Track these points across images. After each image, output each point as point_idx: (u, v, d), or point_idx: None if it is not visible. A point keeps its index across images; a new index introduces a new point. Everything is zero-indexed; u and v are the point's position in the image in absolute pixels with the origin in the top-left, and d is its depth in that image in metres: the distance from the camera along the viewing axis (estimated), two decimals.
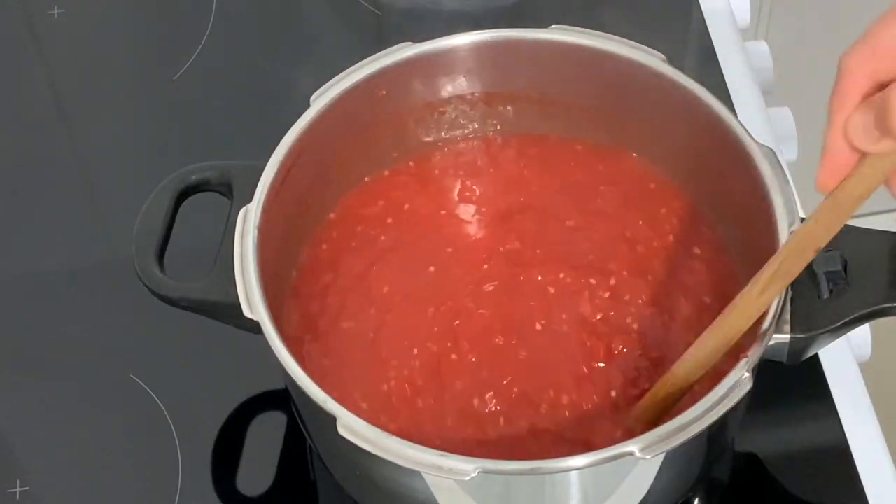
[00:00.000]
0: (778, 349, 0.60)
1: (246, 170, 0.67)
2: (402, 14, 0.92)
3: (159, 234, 0.66)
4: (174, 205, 0.67)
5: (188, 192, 0.68)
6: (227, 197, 0.68)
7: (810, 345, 0.61)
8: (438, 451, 0.56)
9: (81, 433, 0.73)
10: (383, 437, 0.57)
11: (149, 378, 0.74)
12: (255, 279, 0.62)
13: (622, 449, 0.56)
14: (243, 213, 0.64)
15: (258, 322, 0.61)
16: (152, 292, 0.65)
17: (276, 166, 0.66)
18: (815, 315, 0.60)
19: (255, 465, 0.71)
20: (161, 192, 0.67)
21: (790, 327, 0.60)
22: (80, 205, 0.85)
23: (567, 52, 0.70)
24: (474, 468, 0.55)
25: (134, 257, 0.65)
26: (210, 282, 0.64)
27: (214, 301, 0.64)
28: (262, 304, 0.61)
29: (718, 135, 0.67)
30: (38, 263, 0.81)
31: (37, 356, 0.77)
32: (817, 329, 0.60)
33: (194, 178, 0.68)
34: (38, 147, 0.88)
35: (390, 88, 0.70)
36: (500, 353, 0.66)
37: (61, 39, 0.93)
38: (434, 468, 0.56)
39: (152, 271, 0.65)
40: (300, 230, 0.71)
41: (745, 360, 0.58)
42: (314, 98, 0.68)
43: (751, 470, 0.70)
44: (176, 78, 0.89)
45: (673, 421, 0.56)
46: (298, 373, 0.59)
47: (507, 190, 0.73)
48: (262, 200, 0.65)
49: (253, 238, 0.63)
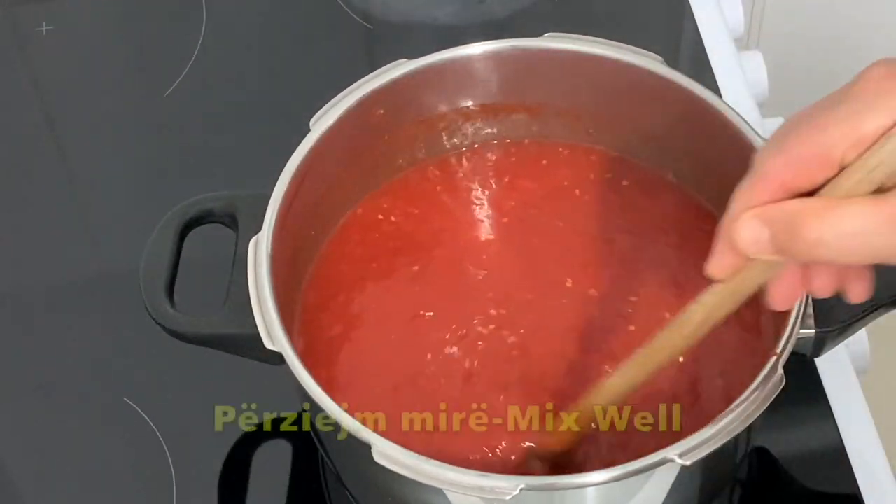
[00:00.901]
0: (803, 344, 0.60)
1: (249, 199, 0.66)
2: (394, 28, 0.91)
3: (166, 269, 0.65)
4: (178, 238, 0.66)
5: (192, 224, 0.67)
6: (231, 228, 0.67)
7: (835, 337, 0.61)
8: (479, 472, 0.55)
9: (74, 457, 0.73)
10: (421, 462, 0.56)
11: (143, 402, 0.74)
12: (274, 310, 0.61)
13: (661, 456, 0.55)
14: (254, 243, 0.63)
15: (280, 353, 0.60)
16: (165, 329, 0.64)
17: (281, 194, 0.65)
18: (837, 307, 0.60)
19: (263, 491, 0.71)
20: (165, 227, 0.66)
21: (814, 321, 0.60)
22: (70, 224, 0.84)
23: (563, 59, 0.70)
24: (516, 486, 0.55)
25: (143, 295, 0.64)
26: (225, 315, 0.63)
27: (232, 334, 0.63)
28: (283, 335, 0.60)
29: (722, 134, 0.67)
30: (28, 284, 0.80)
31: (27, 378, 0.76)
32: (841, 321, 0.60)
33: (197, 209, 0.67)
34: (28, 165, 0.87)
35: (387, 107, 0.70)
36: (516, 367, 0.66)
37: (50, 56, 0.93)
38: (476, 489, 0.55)
39: (164, 308, 0.64)
40: (305, 254, 0.70)
41: (776, 357, 0.58)
42: (314, 121, 0.67)
43: (749, 475, 0.70)
44: (167, 94, 0.88)
45: (710, 425, 0.56)
46: (327, 402, 0.58)
47: (511, 201, 0.73)
48: (272, 228, 0.64)
49: (267, 268, 0.62)
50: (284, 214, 0.65)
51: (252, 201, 0.66)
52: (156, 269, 0.65)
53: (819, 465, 0.70)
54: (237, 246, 0.65)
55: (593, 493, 0.58)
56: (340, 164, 0.69)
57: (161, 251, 0.66)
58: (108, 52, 0.94)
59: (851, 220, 0.46)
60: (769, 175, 0.48)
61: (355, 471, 0.64)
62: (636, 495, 0.59)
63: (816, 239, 0.46)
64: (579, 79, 0.70)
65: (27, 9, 0.95)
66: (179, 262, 0.66)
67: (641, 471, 0.55)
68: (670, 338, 0.56)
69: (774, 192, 0.48)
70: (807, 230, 0.46)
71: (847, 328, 0.61)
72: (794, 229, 0.47)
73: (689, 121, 0.68)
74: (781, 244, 0.48)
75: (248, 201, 0.66)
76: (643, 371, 0.58)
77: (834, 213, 0.46)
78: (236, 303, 0.63)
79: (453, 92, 0.71)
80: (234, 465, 0.71)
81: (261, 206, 0.65)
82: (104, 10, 0.96)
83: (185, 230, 0.67)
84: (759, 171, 0.49)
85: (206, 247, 0.68)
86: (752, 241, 0.49)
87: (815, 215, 0.46)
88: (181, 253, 0.66)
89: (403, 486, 0.58)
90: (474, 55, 0.70)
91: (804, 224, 0.46)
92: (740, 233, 0.49)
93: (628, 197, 0.72)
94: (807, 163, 0.47)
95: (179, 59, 0.90)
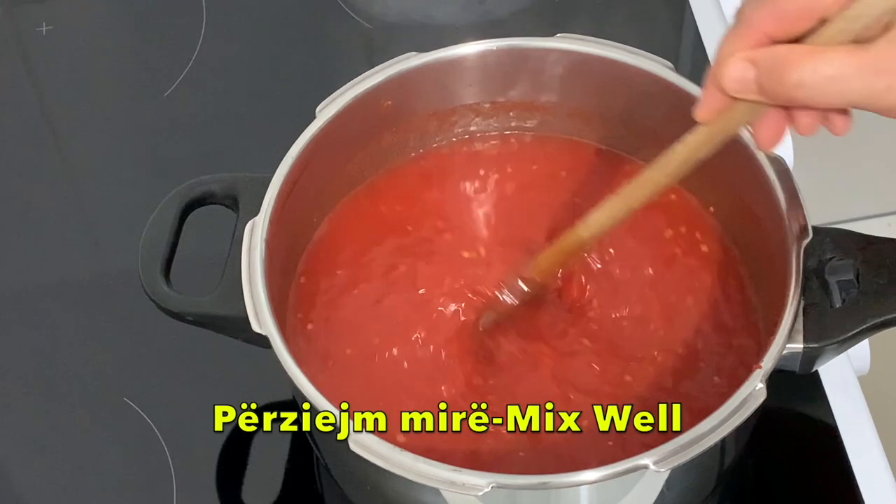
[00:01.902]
0: (791, 359, 0.60)
1: (251, 182, 0.67)
2: (394, 28, 0.91)
3: (165, 247, 0.66)
4: (180, 218, 0.67)
5: (193, 205, 0.68)
6: (233, 210, 0.67)
7: (823, 354, 0.60)
8: (451, 467, 0.55)
9: (74, 457, 0.73)
10: (396, 453, 0.56)
11: (143, 402, 0.74)
12: (264, 293, 0.61)
13: (636, 462, 0.55)
14: (250, 226, 0.64)
15: (267, 336, 0.60)
16: (158, 306, 0.64)
17: (282, 178, 0.65)
18: (828, 324, 0.60)
19: (259, 479, 0.71)
20: (166, 206, 0.67)
21: (803, 337, 0.59)
22: (70, 223, 0.84)
23: (573, 60, 0.70)
24: (488, 483, 0.55)
25: (140, 271, 0.65)
26: (217, 296, 0.64)
27: (222, 315, 0.63)
28: (270, 319, 0.61)
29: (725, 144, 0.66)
30: (28, 284, 0.81)
31: (28, 378, 0.76)
32: (831, 339, 0.60)
33: (199, 190, 0.68)
34: (29, 165, 0.87)
35: (396, 98, 0.70)
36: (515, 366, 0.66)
37: (50, 56, 0.93)
38: (448, 483, 0.55)
39: (159, 285, 0.64)
40: (304, 240, 0.70)
41: (759, 370, 0.58)
42: (319, 109, 0.68)
43: (749, 475, 0.69)
44: (167, 94, 0.89)
45: (687, 433, 0.56)
46: (309, 388, 0.58)
47: (514, 196, 0.73)
48: (270, 213, 0.64)
49: (261, 251, 0.63)
50: (284, 199, 0.65)
51: (254, 184, 0.66)
52: (155, 247, 0.65)
53: (819, 465, 0.70)
54: (236, 228, 0.65)
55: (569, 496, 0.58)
56: (344, 153, 0.70)
57: (161, 230, 0.66)
58: (108, 52, 0.94)
59: (830, 65, 0.49)
60: (754, 25, 0.52)
61: (337, 458, 0.65)
62: (620, 500, 0.59)
63: (798, 81, 0.50)
64: (588, 79, 0.70)
65: (27, 9, 0.95)
66: (178, 242, 0.66)
67: (614, 476, 0.55)
68: (653, 175, 0.60)
69: (759, 41, 0.52)
70: (789, 72, 0.50)
71: (835, 346, 0.60)
72: (778, 71, 0.50)
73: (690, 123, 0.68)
74: (764, 84, 0.51)
75: (251, 184, 0.67)
76: (625, 206, 0.61)
77: (815, 58, 0.49)
78: (229, 285, 0.63)
79: (461, 87, 0.71)
80: (230, 464, 0.71)
81: (262, 190, 0.65)
82: (104, 10, 0.96)
83: (186, 210, 0.67)
84: (745, 21, 0.52)
85: (210, 228, 0.69)
86: (738, 80, 0.52)
87: (798, 58, 0.50)
88: (181, 233, 0.67)
89: (379, 476, 0.58)
90: (485, 51, 0.70)
91: (788, 66, 0.50)
92: (728, 72, 0.52)
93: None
94: (790, 14, 0.51)
95: (179, 59, 0.90)
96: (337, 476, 0.67)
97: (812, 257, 0.62)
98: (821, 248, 0.62)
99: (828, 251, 0.62)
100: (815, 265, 0.62)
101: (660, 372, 0.65)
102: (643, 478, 0.57)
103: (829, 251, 0.62)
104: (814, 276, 0.61)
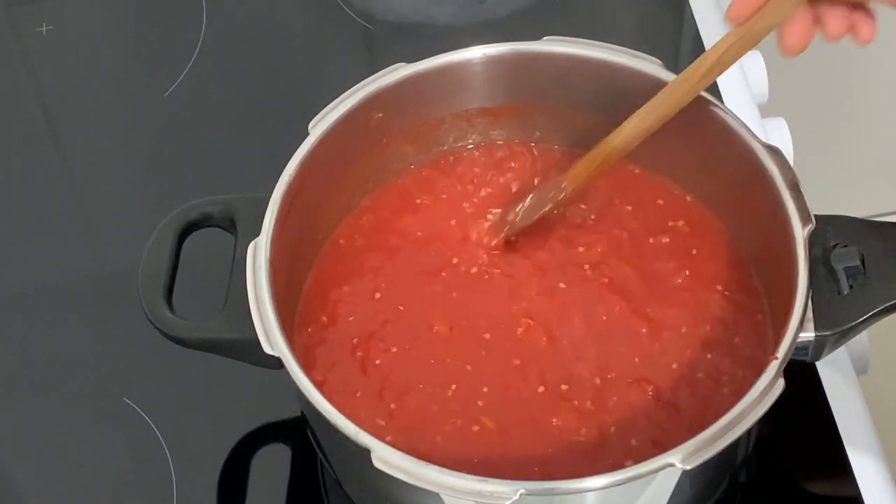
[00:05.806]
0: (802, 348, 0.60)
1: (248, 202, 0.66)
2: (394, 29, 0.91)
3: (165, 273, 0.65)
4: (177, 242, 0.66)
5: (190, 228, 0.67)
6: (230, 232, 0.67)
7: (835, 341, 0.61)
8: (477, 477, 0.55)
9: (74, 457, 0.72)
10: (420, 467, 0.56)
11: (143, 402, 0.73)
12: (273, 314, 0.61)
13: (663, 461, 0.55)
14: (252, 247, 0.63)
15: (279, 358, 0.60)
16: (164, 334, 0.64)
17: (280, 197, 0.65)
18: (837, 311, 0.60)
19: (259, 479, 0.71)
20: (163, 231, 0.66)
21: (814, 325, 0.60)
22: (70, 223, 0.84)
23: (561, 62, 0.70)
24: (515, 490, 0.55)
25: (141, 299, 0.64)
26: (223, 320, 0.63)
27: (231, 339, 0.63)
28: (282, 340, 0.60)
29: (722, 138, 0.67)
30: (28, 284, 0.80)
31: (28, 378, 0.76)
32: (841, 325, 0.60)
33: (196, 213, 0.67)
34: (28, 165, 0.86)
35: (386, 110, 0.70)
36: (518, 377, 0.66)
37: (50, 56, 0.92)
38: (475, 494, 0.55)
39: (162, 313, 0.64)
40: (304, 259, 0.70)
41: (776, 361, 0.58)
42: (312, 125, 0.67)
43: (749, 476, 0.69)
44: (167, 94, 0.88)
45: (709, 429, 0.56)
46: (326, 406, 0.58)
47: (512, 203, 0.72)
48: (271, 233, 0.64)
49: (266, 272, 0.62)
50: (283, 218, 0.65)
51: (250, 205, 0.66)
52: (154, 274, 0.65)
53: (819, 465, 0.70)
54: (236, 250, 0.65)
55: (593, 498, 0.57)
56: (339, 168, 0.69)
57: (159, 256, 0.65)
58: (108, 52, 0.93)
59: None
60: None
61: (354, 474, 0.64)
62: (637, 500, 0.59)
63: None
64: (577, 81, 0.70)
65: (27, 9, 0.95)
66: (178, 267, 0.66)
67: (642, 476, 0.55)
68: (686, 79, 0.62)
69: None
70: None
71: (846, 332, 0.60)
72: None
73: (688, 123, 0.68)
74: None
75: (247, 205, 0.66)
76: (658, 113, 0.64)
77: None
78: (235, 307, 0.62)
79: (451, 95, 0.71)
80: (233, 467, 0.71)
81: (259, 210, 0.65)
82: (104, 10, 0.96)
83: (183, 234, 0.67)
84: None
85: (205, 250, 0.68)
86: None
87: None
88: (179, 257, 0.66)
89: (402, 490, 0.57)
90: (473, 59, 0.70)
91: None
92: None
93: (628, 198, 0.72)
94: None
95: (179, 59, 0.90)
96: (353, 493, 0.66)
97: (816, 245, 0.62)
98: (824, 236, 0.63)
99: (831, 239, 0.63)
100: (820, 253, 0.62)
101: (662, 375, 0.65)
102: (660, 479, 0.57)
103: (832, 239, 0.63)
104: (819, 264, 0.62)
